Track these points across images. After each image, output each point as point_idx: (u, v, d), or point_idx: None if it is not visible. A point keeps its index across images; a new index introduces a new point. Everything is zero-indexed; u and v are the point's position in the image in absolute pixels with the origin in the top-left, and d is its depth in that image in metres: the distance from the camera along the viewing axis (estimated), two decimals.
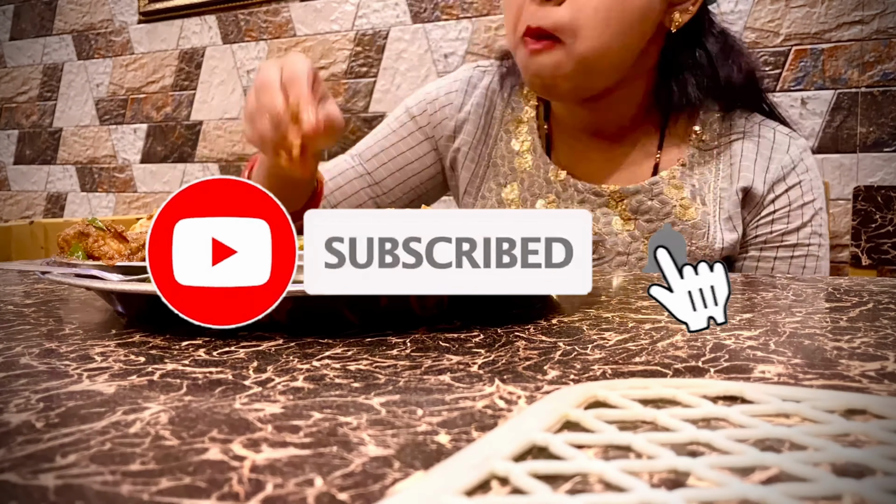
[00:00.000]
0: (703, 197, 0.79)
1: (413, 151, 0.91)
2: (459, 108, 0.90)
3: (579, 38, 0.70)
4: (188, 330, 0.41)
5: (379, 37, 1.90)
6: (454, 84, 0.92)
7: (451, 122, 0.90)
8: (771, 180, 0.79)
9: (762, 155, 0.80)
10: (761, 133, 0.81)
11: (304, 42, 2.00)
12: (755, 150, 0.80)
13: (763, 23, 1.46)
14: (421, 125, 0.92)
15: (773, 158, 0.80)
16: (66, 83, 2.45)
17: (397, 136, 0.92)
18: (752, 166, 0.80)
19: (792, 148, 0.80)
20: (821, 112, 1.42)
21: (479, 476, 0.20)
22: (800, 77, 1.44)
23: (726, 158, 0.81)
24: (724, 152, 0.81)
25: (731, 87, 0.79)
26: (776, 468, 0.21)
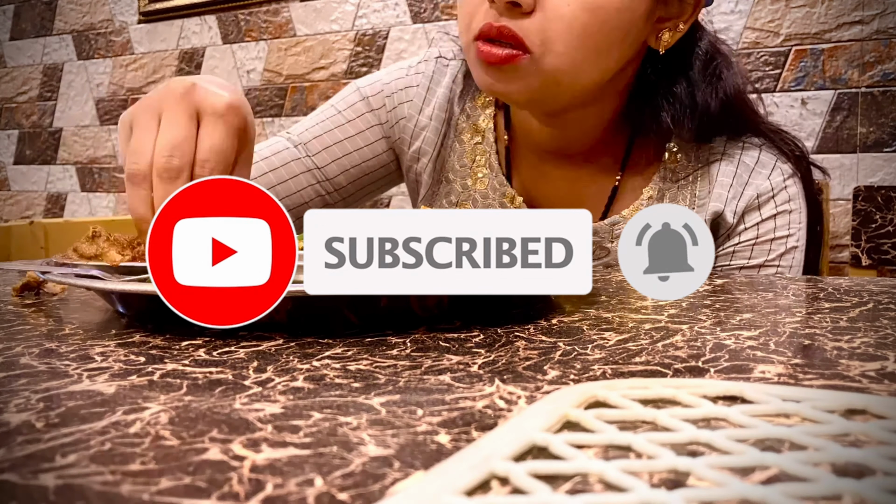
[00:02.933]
0: None
1: (363, 137, 0.80)
2: (419, 111, 0.79)
3: (549, 51, 0.61)
4: (188, 330, 0.41)
5: (379, 37, 1.90)
6: (415, 78, 0.80)
7: (410, 124, 0.80)
8: (742, 209, 0.70)
9: (739, 178, 0.70)
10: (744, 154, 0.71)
11: (304, 42, 2.00)
12: (732, 174, 0.70)
13: (763, 23, 1.46)
14: (377, 114, 0.80)
15: (749, 183, 0.70)
16: (66, 83, 2.45)
17: (345, 119, 0.80)
18: (725, 193, 0.70)
19: (775, 173, 0.70)
20: (821, 112, 1.42)
21: (479, 476, 0.20)
22: (800, 77, 1.44)
23: (704, 184, 0.71)
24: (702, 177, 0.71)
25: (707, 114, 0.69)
26: (776, 468, 0.21)
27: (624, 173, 0.74)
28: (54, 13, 2.45)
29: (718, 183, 0.70)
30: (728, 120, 0.71)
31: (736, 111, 0.72)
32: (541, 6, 0.60)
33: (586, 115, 0.71)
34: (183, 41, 2.20)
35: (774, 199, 0.70)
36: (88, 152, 2.42)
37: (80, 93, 2.42)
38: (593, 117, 0.72)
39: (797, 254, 0.71)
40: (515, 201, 0.76)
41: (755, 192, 0.70)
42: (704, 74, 0.70)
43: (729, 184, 0.70)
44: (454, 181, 0.80)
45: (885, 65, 1.37)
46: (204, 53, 2.16)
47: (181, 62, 2.21)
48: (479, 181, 0.78)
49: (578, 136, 0.73)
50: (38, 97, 2.51)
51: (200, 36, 2.17)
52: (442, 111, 0.79)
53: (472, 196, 0.78)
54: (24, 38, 2.52)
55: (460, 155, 0.79)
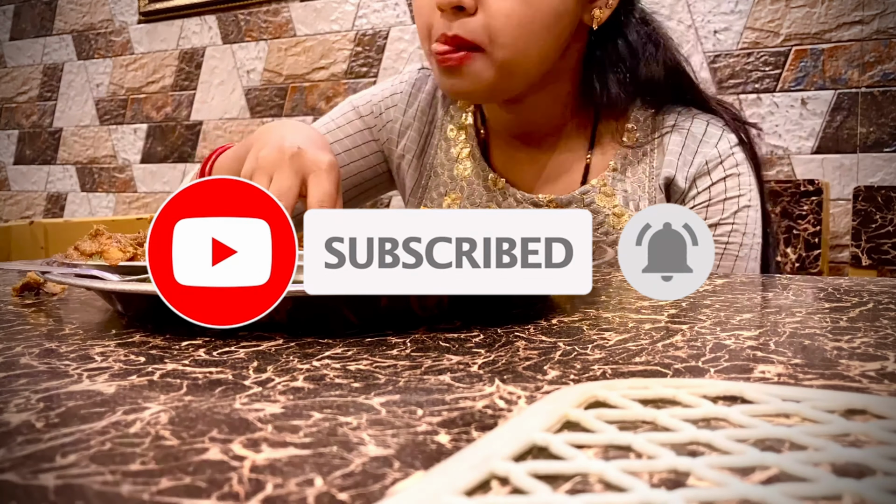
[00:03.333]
0: (636, 201, 0.77)
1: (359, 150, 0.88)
2: (403, 112, 0.88)
3: (497, 45, 0.69)
4: (188, 330, 0.41)
5: (379, 37, 1.90)
6: (400, 86, 0.90)
7: (396, 125, 0.88)
8: (693, 174, 0.76)
9: (688, 148, 0.77)
10: (693, 126, 0.77)
11: (303, 42, 2.00)
12: (681, 144, 0.77)
13: (763, 23, 1.46)
14: (367, 123, 0.89)
15: (699, 152, 0.76)
16: (66, 83, 2.45)
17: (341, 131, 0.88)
18: (676, 160, 0.76)
19: (722, 142, 0.77)
20: (821, 112, 1.42)
21: (479, 476, 0.20)
22: (800, 77, 1.44)
23: (658, 155, 0.78)
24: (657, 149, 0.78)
25: (652, 82, 0.77)
26: (776, 468, 0.21)
27: (592, 151, 0.80)
28: (54, 13, 2.45)
29: (669, 151, 0.77)
30: (674, 89, 0.78)
31: (679, 79, 0.79)
32: (482, 6, 0.69)
33: (543, 97, 0.78)
34: (183, 41, 2.20)
35: (723, 164, 0.76)
36: (88, 152, 2.42)
37: (80, 93, 2.42)
38: (550, 99, 0.79)
39: (751, 212, 0.77)
40: (498, 182, 0.82)
41: (704, 158, 0.76)
42: (641, 42, 0.77)
43: (678, 152, 0.77)
44: (441, 174, 0.86)
45: (885, 65, 1.37)
46: (204, 53, 2.16)
47: (181, 62, 2.21)
48: (465, 170, 0.85)
49: (539, 119, 0.80)
50: (38, 97, 2.51)
51: (200, 36, 2.17)
52: (424, 113, 0.88)
53: (458, 185, 0.85)
54: (24, 38, 2.52)
55: (446, 150, 0.87)
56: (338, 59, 1.95)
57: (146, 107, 2.29)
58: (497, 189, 0.82)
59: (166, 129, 2.25)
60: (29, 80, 2.53)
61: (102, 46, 2.36)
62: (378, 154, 0.90)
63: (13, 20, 2.54)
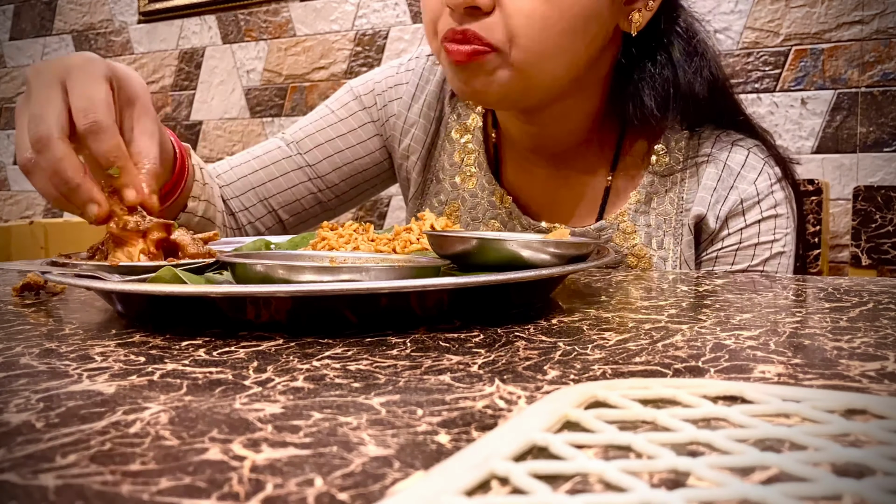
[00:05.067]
0: (660, 238, 0.69)
1: (356, 135, 0.81)
2: (408, 107, 0.80)
3: (515, 46, 0.61)
4: (188, 330, 0.41)
5: (379, 37, 1.90)
6: (405, 75, 0.81)
7: (399, 121, 0.80)
8: (726, 214, 0.68)
9: (723, 182, 0.68)
10: (731, 156, 0.69)
11: (303, 42, 2.00)
12: (717, 177, 0.68)
13: (763, 23, 1.46)
14: (366, 106, 0.81)
15: (734, 188, 0.68)
16: None
17: (337, 118, 0.81)
18: (709, 197, 0.68)
19: (761, 178, 0.68)
20: (821, 112, 1.43)
21: (479, 476, 0.20)
22: (800, 77, 1.44)
23: (691, 185, 0.69)
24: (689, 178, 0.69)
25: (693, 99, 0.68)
26: (776, 468, 0.21)
27: (615, 174, 0.72)
28: (54, 13, 2.45)
29: (703, 186, 0.69)
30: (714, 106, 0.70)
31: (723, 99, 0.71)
32: (499, 4, 0.60)
33: (565, 109, 0.70)
34: (183, 41, 2.20)
35: (760, 205, 0.69)
36: None
37: None
38: (573, 112, 0.70)
39: (784, 259, 0.70)
40: (505, 200, 0.75)
41: (739, 196, 0.68)
42: (686, 52, 0.68)
43: (713, 187, 0.69)
44: (444, 180, 0.79)
45: (885, 65, 1.38)
46: (204, 53, 2.16)
47: (181, 62, 2.21)
48: (468, 180, 0.77)
49: (560, 134, 0.72)
50: None
51: (200, 36, 2.17)
52: (431, 109, 0.80)
53: (460, 195, 0.78)
54: (24, 38, 2.52)
55: (450, 154, 0.79)
56: (338, 59, 1.96)
57: None
58: (503, 207, 0.75)
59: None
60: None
61: (102, 46, 2.36)
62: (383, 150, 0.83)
63: (13, 20, 2.54)
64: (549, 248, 0.46)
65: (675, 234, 0.69)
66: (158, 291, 0.40)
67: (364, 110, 0.81)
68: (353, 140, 0.81)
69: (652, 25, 0.67)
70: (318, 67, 1.99)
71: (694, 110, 0.69)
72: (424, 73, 0.81)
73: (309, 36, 1.99)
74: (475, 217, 0.77)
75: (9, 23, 2.55)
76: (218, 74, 2.14)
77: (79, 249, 0.55)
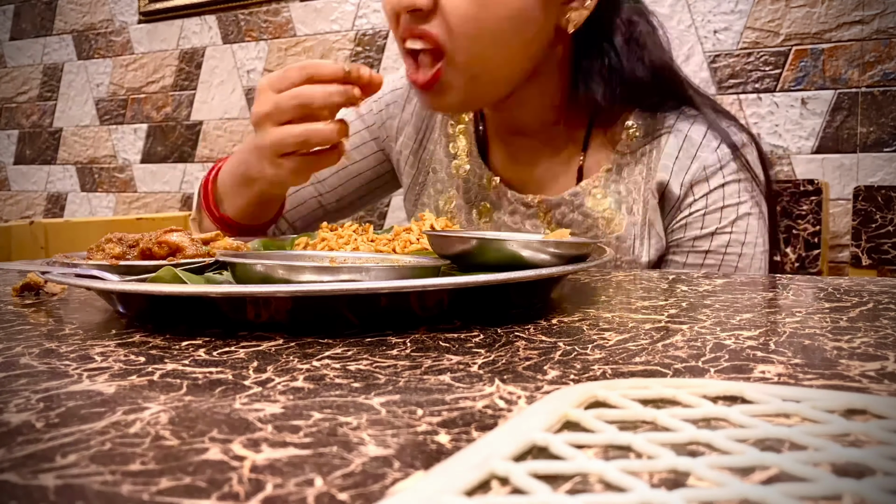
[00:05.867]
0: (629, 205, 0.74)
1: (359, 151, 0.88)
2: (402, 108, 0.87)
3: (456, 47, 0.67)
4: (188, 330, 0.41)
5: (379, 37, 1.90)
6: (399, 81, 0.88)
7: (395, 121, 0.87)
8: (690, 181, 0.73)
9: (686, 152, 0.73)
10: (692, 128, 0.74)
11: (304, 42, 2.00)
12: (678, 147, 0.73)
13: (763, 23, 1.46)
14: (368, 124, 0.89)
15: (697, 157, 0.72)
16: (66, 83, 2.45)
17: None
18: (671, 165, 0.73)
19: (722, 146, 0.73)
20: (821, 112, 1.42)
21: (479, 476, 0.20)
22: (800, 77, 1.44)
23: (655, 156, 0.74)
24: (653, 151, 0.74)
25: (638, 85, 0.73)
26: (776, 468, 0.21)
27: (586, 152, 0.78)
28: (54, 13, 2.45)
29: (665, 154, 0.74)
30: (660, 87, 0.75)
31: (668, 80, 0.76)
32: (439, 7, 0.67)
33: (527, 96, 0.75)
34: (183, 41, 2.20)
35: (722, 171, 0.73)
36: (88, 152, 2.42)
37: (80, 93, 2.42)
38: (536, 95, 0.76)
39: (751, 220, 0.73)
40: (493, 182, 0.81)
41: (702, 164, 0.73)
42: (627, 43, 0.74)
43: (674, 156, 0.73)
44: (439, 171, 0.86)
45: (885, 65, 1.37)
46: (204, 53, 2.16)
47: (181, 62, 2.21)
48: (462, 168, 0.83)
49: (528, 116, 0.78)
50: (38, 97, 2.51)
51: (200, 36, 2.17)
52: (423, 109, 0.87)
53: (455, 182, 0.84)
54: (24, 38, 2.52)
55: (445, 146, 0.85)
56: (338, 59, 1.95)
57: (146, 107, 2.29)
58: (492, 188, 0.81)
59: (166, 129, 2.25)
60: (29, 80, 2.53)
61: (102, 46, 2.36)
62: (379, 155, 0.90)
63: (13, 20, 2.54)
64: (549, 248, 0.46)
65: (644, 200, 0.74)
66: (158, 291, 0.40)
67: (367, 129, 0.89)
68: (357, 156, 0.89)
69: (594, 20, 0.72)
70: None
71: (640, 93, 0.74)
72: None
73: (309, 36, 1.99)
74: (469, 200, 0.83)
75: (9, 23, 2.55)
76: (218, 74, 2.14)
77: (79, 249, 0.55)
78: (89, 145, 2.42)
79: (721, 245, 0.73)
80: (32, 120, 2.54)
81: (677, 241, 0.75)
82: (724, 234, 0.73)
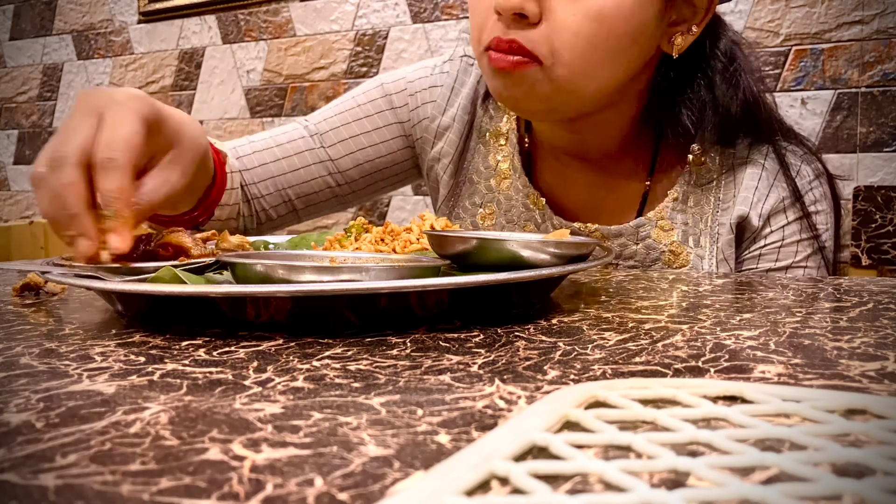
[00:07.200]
0: (696, 236, 0.70)
1: (379, 133, 0.80)
2: (443, 111, 0.79)
3: (558, 61, 0.61)
4: (188, 330, 0.41)
5: (379, 37, 1.90)
6: (440, 77, 0.80)
7: (433, 124, 0.80)
8: (768, 211, 0.70)
9: (764, 182, 0.70)
10: (767, 158, 0.71)
11: (303, 42, 2.00)
12: (756, 178, 0.70)
13: (763, 23, 1.46)
14: (396, 108, 0.80)
15: (775, 186, 0.70)
16: (65, 83, 2.45)
17: (364, 113, 0.80)
18: (751, 196, 0.70)
19: (800, 176, 0.70)
20: (821, 112, 1.42)
21: (479, 476, 0.20)
22: (800, 77, 1.44)
23: (728, 187, 0.71)
24: (727, 180, 0.71)
25: (728, 119, 0.69)
26: (776, 468, 0.21)
27: (652, 178, 0.74)
28: (54, 13, 2.45)
29: (744, 187, 0.70)
30: (749, 122, 0.71)
31: (756, 113, 0.71)
32: (547, 17, 0.61)
33: (604, 119, 0.71)
34: (183, 41, 2.20)
35: (800, 202, 0.70)
36: None
37: None
38: (611, 121, 0.71)
39: (825, 255, 0.71)
40: (538, 202, 0.75)
41: (780, 195, 0.70)
42: (724, 76, 0.69)
43: (754, 187, 0.70)
44: (478, 182, 0.79)
45: (885, 65, 1.37)
46: (204, 53, 2.16)
47: (181, 62, 2.21)
48: (503, 182, 0.78)
49: (597, 141, 0.73)
50: (38, 97, 2.51)
51: (200, 36, 2.17)
52: (465, 112, 0.79)
53: (496, 198, 0.78)
54: (24, 38, 2.52)
55: (484, 156, 0.79)
56: (338, 59, 1.95)
57: None
58: (537, 209, 0.75)
59: None
60: (29, 80, 2.53)
61: (102, 46, 2.36)
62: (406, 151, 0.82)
63: (13, 20, 2.54)
64: (549, 248, 0.46)
65: (712, 233, 0.71)
66: (158, 291, 0.40)
67: (392, 110, 0.81)
68: (377, 139, 0.81)
69: (693, 47, 0.67)
70: (318, 67, 1.99)
71: (729, 128, 0.70)
72: (459, 76, 0.80)
73: (309, 36, 1.99)
74: (510, 220, 0.77)
75: (9, 23, 2.55)
76: (218, 74, 2.14)
77: None
78: None
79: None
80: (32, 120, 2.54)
81: (746, 272, 0.72)
82: (799, 268, 0.71)
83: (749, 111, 0.70)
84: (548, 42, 0.61)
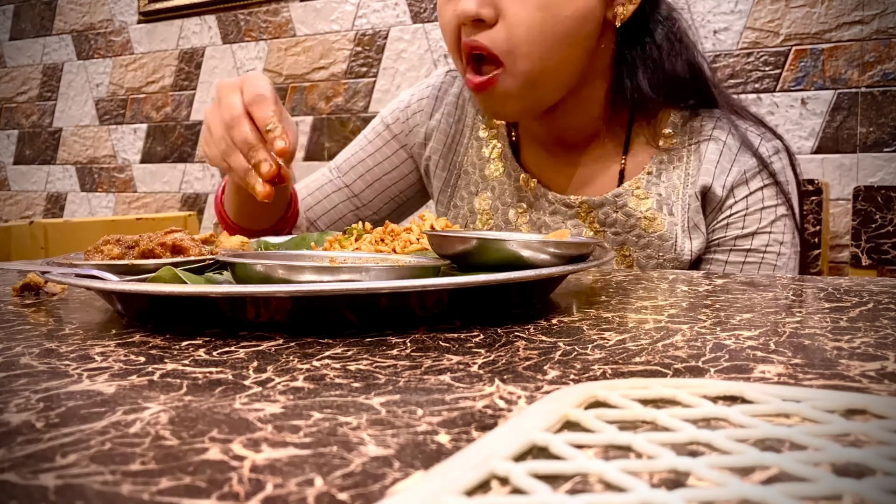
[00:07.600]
0: (670, 206, 0.77)
1: (390, 161, 0.92)
2: (430, 116, 0.90)
3: (518, 57, 0.69)
4: (188, 330, 0.41)
5: (379, 37, 1.90)
6: (426, 90, 0.91)
7: (423, 129, 0.90)
8: (731, 183, 0.76)
9: (726, 157, 0.77)
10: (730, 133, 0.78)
11: (304, 42, 2.00)
12: (718, 152, 0.77)
13: (763, 23, 1.46)
14: (395, 134, 0.92)
15: (737, 160, 0.76)
16: (65, 83, 2.45)
17: (374, 147, 0.92)
18: (713, 168, 0.77)
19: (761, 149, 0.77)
20: (821, 112, 1.43)
21: (479, 476, 0.20)
22: (800, 77, 1.44)
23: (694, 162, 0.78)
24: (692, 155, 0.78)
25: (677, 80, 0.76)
26: (776, 468, 0.21)
27: (627, 156, 0.80)
28: (54, 13, 2.45)
29: (707, 160, 0.77)
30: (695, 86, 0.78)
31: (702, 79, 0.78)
32: (502, 17, 0.68)
33: (575, 103, 0.77)
34: (183, 41, 2.20)
35: (761, 174, 0.77)
36: (88, 152, 2.42)
37: (80, 93, 2.42)
38: (583, 103, 0.78)
39: (787, 221, 0.77)
40: (529, 183, 0.82)
41: (742, 168, 0.76)
42: (666, 39, 0.76)
43: (716, 161, 0.77)
44: (472, 173, 0.87)
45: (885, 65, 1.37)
46: (204, 53, 2.16)
47: (181, 62, 2.21)
48: (495, 170, 0.85)
49: (574, 124, 0.80)
50: (38, 97, 2.51)
51: (200, 36, 2.17)
52: (450, 115, 0.89)
53: (490, 185, 0.86)
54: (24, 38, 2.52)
55: (478, 150, 0.87)
56: (337, 59, 1.95)
57: (146, 107, 2.29)
58: (528, 189, 0.82)
59: (166, 129, 2.25)
60: (29, 80, 2.53)
61: (102, 46, 2.36)
62: (409, 163, 0.92)
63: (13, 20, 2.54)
64: (549, 248, 0.46)
65: (683, 203, 0.77)
66: (158, 291, 0.40)
67: (394, 138, 0.92)
68: (389, 167, 0.92)
69: (637, 17, 0.74)
70: (318, 67, 1.99)
71: (681, 91, 0.77)
72: (444, 86, 0.91)
73: (309, 36, 1.99)
74: (504, 202, 0.84)
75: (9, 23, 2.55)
76: (218, 74, 2.14)
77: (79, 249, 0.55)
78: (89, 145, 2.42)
79: (762, 244, 0.76)
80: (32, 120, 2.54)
81: (719, 240, 0.78)
82: (764, 233, 0.77)
83: (694, 74, 0.77)
84: (506, 39, 0.69)
